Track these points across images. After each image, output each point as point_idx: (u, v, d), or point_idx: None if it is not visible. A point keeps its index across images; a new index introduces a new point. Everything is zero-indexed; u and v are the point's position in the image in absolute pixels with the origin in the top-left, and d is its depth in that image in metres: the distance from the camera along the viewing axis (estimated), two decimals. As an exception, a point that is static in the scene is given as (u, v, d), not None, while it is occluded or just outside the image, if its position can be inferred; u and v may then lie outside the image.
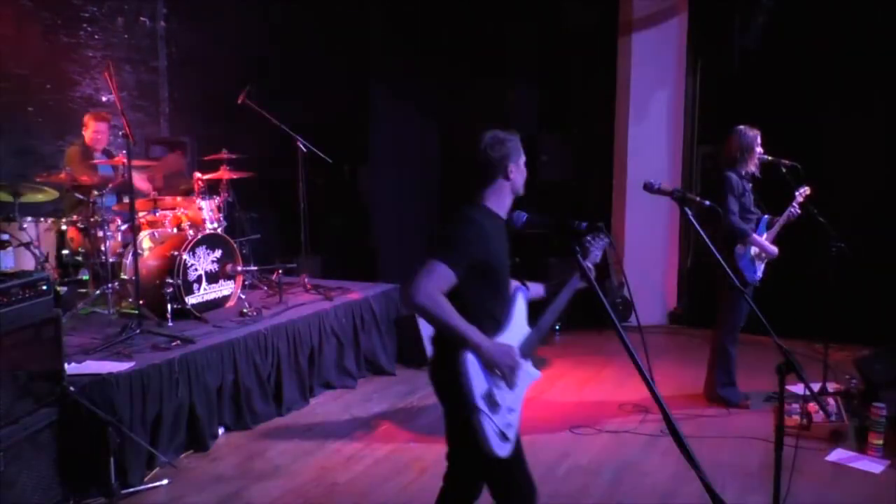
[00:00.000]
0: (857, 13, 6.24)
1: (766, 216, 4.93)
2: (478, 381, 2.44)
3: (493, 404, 2.45)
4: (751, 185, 4.90)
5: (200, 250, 5.36)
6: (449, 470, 2.80)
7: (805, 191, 4.88)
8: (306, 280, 6.27)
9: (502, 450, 2.46)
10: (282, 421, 4.95)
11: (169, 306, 5.04)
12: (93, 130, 5.89)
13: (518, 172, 2.65)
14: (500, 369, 2.48)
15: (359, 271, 7.67)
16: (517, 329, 2.63)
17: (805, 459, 4.06)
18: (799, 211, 4.89)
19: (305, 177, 6.20)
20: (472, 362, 2.43)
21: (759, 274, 4.88)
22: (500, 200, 2.66)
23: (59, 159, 6.12)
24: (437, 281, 2.41)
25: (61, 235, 5.31)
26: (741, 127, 4.87)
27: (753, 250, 4.82)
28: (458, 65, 8.07)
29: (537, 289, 2.86)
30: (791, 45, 6.57)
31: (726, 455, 4.31)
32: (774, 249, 4.86)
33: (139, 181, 5.77)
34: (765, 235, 4.89)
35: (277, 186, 7.35)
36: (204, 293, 5.39)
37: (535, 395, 5.39)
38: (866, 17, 6.21)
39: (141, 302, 4.87)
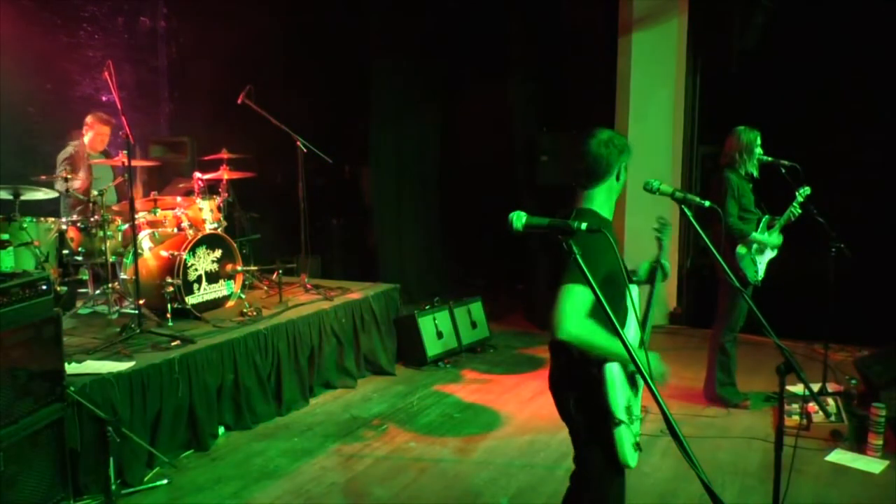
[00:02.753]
0: (857, 13, 6.24)
1: (765, 217, 4.93)
2: (621, 393, 2.38)
3: (630, 415, 2.42)
4: (751, 185, 4.90)
5: (200, 250, 5.37)
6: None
7: (805, 191, 4.88)
8: (306, 280, 6.27)
9: (634, 460, 2.43)
10: (282, 421, 4.95)
11: (169, 306, 5.06)
12: (96, 133, 5.88)
13: (625, 176, 2.54)
14: (654, 378, 2.35)
15: (359, 271, 7.67)
16: (632, 327, 2.51)
17: (805, 459, 4.08)
18: (799, 211, 4.89)
19: (305, 177, 6.21)
20: (616, 375, 2.37)
21: (761, 274, 4.88)
22: (608, 203, 2.54)
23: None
24: (580, 305, 2.25)
25: (61, 235, 5.31)
26: (741, 127, 4.87)
27: (754, 248, 4.83)
28: (458, 65, 8.06)
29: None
30: (791, 46, 6.57)
31: (726, 455, 4.31)
32: (776, 239, 4.86)
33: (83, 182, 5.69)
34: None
35: (277, 186, 7.36)
36: (204, 293, 5.39)
37: (534, 394, 5.39)
38: (866, 16, 6.21)
39: (141, 302, 4.88)
